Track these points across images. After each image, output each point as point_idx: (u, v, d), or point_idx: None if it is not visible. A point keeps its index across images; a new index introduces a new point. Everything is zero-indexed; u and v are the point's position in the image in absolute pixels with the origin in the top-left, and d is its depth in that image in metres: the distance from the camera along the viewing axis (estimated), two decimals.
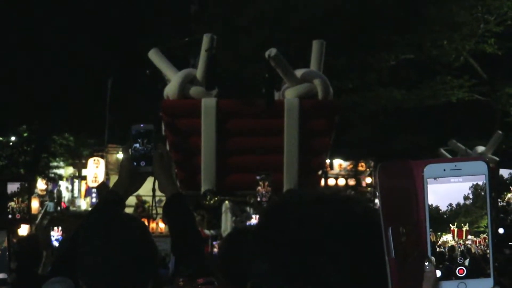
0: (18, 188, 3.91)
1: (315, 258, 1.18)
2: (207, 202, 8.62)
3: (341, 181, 24.65)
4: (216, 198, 8.67)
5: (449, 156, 14.48)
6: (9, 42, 24.88)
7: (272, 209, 1.35)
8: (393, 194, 1.15)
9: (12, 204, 3.87)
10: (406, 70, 20.58)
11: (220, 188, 8.62)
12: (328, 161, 21.08)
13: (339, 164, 25.94)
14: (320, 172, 9.66)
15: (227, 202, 9.22)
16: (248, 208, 9.29)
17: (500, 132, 14.18)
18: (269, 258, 1.22)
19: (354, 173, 25.51)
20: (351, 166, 25.75)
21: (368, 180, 24.67)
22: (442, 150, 14.94)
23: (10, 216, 3.86)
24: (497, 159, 13.15)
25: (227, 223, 9.40)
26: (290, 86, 8.45)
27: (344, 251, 1.18)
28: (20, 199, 3.89)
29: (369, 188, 24.26)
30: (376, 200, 3.51)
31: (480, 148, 14.03)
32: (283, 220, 1.25)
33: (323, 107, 8.48)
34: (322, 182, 19.55)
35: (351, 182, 24.86)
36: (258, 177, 6.51)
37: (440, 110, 20.70)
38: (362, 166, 25.56)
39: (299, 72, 8.48)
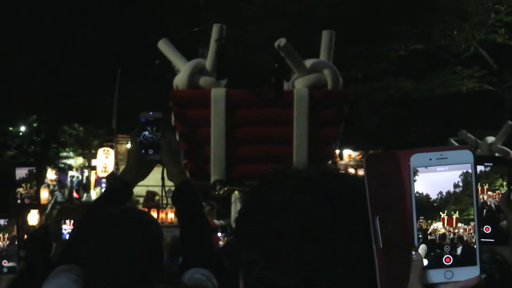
0: (26, 174, 3.92)
1: (299, 246, 1.16)
2: (216, 192, 8.62)
3: (351, 171, 24.57)
4: (225, 188, 8.66)
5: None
6: (20, 34, 24.92)
7: (252, 197, 1.32)
8: (380, 184, 1.15)
9: (20, 190, 3.88)
10: (415, 60, 20.49)
11: (229, 178, 8.62)
12: (337, 151, 21.06)
13: (348, 154, 25.95)
14: (329, 162, 9.64)
15: (236, 192, 9.21)
16: None
17: (510, 122, 14.08)
18: (255, 248, 1.20)
19: None
20: (360, 156, 25.74)
21: None
22: (452, 140, 14.86)
23: (18, 201, 3.87)
24: (508, 150, 13.11)
25: (236, 213, 9.40)
26: (299, 76, 8.43)
27: (328, 237, 1.16)
28: (28, 185, 3.90)
29: None
30: None
31: (490, 139, 13.95)
32: (265, 208, 1.23)
33: (333, 97, 8.46)
34: None
35: (361, 172, 24.71)
36: (271, 170, 6.48)
37: (449, 100, 20.61)
38: None
39: (308, 62, 8.45)
